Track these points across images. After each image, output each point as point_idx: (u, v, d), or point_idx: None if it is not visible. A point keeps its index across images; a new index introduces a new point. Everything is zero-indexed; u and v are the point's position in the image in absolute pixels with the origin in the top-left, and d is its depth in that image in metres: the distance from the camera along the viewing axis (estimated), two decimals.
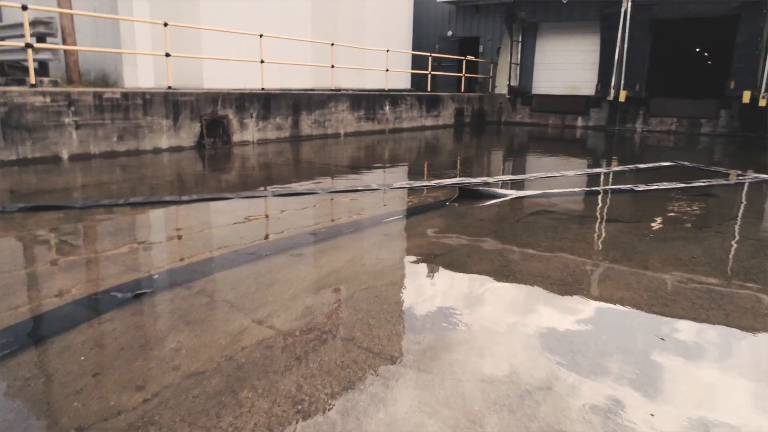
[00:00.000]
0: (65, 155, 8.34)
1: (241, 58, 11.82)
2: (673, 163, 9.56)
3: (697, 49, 22.12)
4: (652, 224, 5.23)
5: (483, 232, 4.78)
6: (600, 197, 6.57)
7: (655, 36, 17.38)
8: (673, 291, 3.46)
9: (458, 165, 10.09)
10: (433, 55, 17.65)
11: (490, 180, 7.42)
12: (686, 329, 2.93)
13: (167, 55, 9.91)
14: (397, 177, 7.95)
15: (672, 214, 5.74)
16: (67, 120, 8.30)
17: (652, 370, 2.46)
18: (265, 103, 11.53)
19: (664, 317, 3.06)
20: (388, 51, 15.51)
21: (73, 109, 8.35)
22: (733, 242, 4.63)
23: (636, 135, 17.02)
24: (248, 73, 12.91)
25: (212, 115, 10.50)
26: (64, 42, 9.96)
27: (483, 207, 5.84)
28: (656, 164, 9.32)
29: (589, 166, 9.62)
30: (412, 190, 6.70)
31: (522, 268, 3.83)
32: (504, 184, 7.30)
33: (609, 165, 9.12)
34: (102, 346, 2.59)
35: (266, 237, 4.46)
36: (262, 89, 11.85)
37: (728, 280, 3.68)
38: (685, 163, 9.66)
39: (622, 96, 17.29)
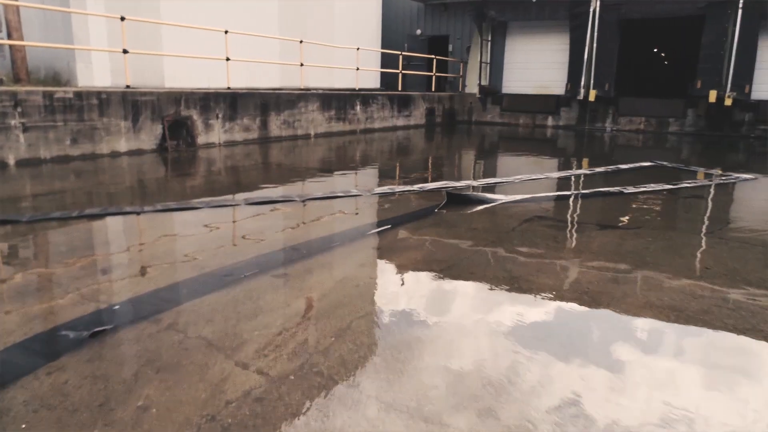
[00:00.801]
0: (11, 160, 7.60)
1: (206, 56, 11.19)
2: (653, 164, 9.44)
3: (665, 49, 22.42)
4: (653, 230, 4.96)
5: (480, 242, 4.41)
6: (590, 201, 6.29)
7: (624, 36, 17.45)
8: (700, 309, 3.15)
9: (437, 167, 9.74)
10: (404, 53, 17.29)
11: (475, 183, 7.08)
12: (732, 351, 2.61)
13: (125, 51, 9.23)
14: (376, 181, 7.53)
15: (669, 219, 5.50)
16: (13, 122, 7.56)
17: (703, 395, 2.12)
18: (232, 103, 10.93)
19: (705, 337, 2.74)
20: (358, 49, 15.06)
21: (20, 110, 7.62)
22: (741, 250, 4.38)
23: (606, 134, 17.06)
24: (213, 71, 12.27)
25: (175, 115, 9.85)
26: (10, 37, 9.15)
27: (473, 213, 5.47)
28: (637, 165, 9.17)
29: (570, 167, 9.39)
30: (394, 196, 6.29)
31: (531, 285, 3.47)
32: (490, 188, 6.97)
33: (591, 166, 8.91)
34: (50, 407, 2.09)
35: (243, 254, 3.97)
36: (228, 88, 11.25)
37: (753, 295, 3.40)
38: (665, 163, 9.56)
39: (592, 95, 17.30)
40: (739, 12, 15.13)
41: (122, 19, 9.14)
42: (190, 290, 3.27)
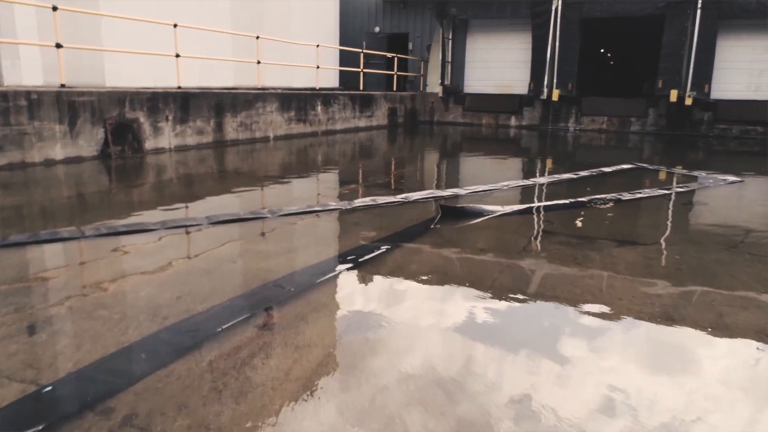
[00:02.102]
0: None
1: (153, 52, 10.15)
2: (633, 166, 9.11)
3: (627, 48, 22.58)
4: (674, 245, 4.46)
5: (495, 269, 3.77)
6: (592, 210, 5.78)
7: (586, 35, 17.34)
8: None
9: (413, 173, 9.10)
10: (365, 51, 16.57)
11: (462, 192, 6.46)
12: None
13: (58, 46, 8.12)
14: (350, 190, 6.80)
15: (682, 231, 5.04)
16: None
17: None
18: (183, 103, 9.94)
19: None
20: (318, 46, 14.24)
21: None
22: None
23: (569, 134, 16.90)
24: (161, 69, 11.21)
25: (119, 118, 8.80)
26: None
27: (472, 228, 4.84)
28: (619, 167, 8.80)
29: (553, 171, 8.92)
30: (378, 209, 5.59)
31: (578, 328, 2.85)
32: (478, 197, 6.36)
33: (572, 169, 8.46)
34: None
35: (214, 295, 3.18)
36: (179, 88, 10.24)
37: None
38: (644, 165, 9.26)
39: (555, 95, 17.11)
40: (698, 12, 15.21)
41: (54, 9, 8.04)
42: (150, 356, 2.46)
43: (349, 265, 3.73)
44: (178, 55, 10.07)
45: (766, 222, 5.55)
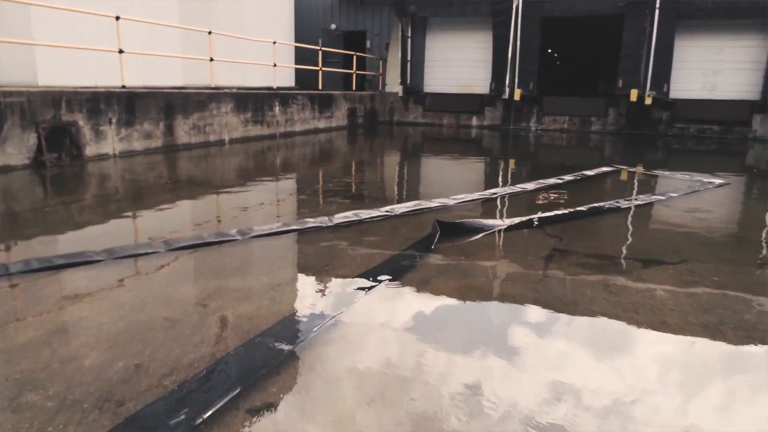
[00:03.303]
0: None
1: (92, 47, 9.09)
2: (613, 168, 8.80)
3: (587, 48, 22.65)
4: (704, 264, 4.01)
5: (523, 299, 3.19)
6: (597, 221, 5.31)
7: (547, 34, 17.17)
8: None
9: (388, 180, 8.47)
10: (323, 49, 15.80)
11: (450, 202, 5.87)
12: None
13: None
14: (324, 201, 6.10)
15: (701, 244, 4.61)
16: None
17: None
18: (129, 104, 8.94)
19: None
20: (275, 43, 13.39)
21: None
22: None
23: (532, 134, 16.68)
24: (102, 66, 10.14)
25: (54, 121, 7.76)
26: None
27: (478, 248, 4.25)
28: (600, 170, 8.45)
29: (534, 176, 8.47)
30: (362, 225, 4.92)
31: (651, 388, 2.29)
32: (468, 207, 5.80)
33: (555, 173, 8.02)
34: None
35: (185, 360, 2.44)
36: (123, 87, 9.23)
37: None
38: (623, 167, 8.97)
39: (517, 94, 16.86)
40: (656, 12, 15.26)
41: None
42: None
43: (352, 307, 3.06)
44: (121, 51, 9.06)
45: None
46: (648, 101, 15.64)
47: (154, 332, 2.67)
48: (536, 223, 5.02)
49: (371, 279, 3.48)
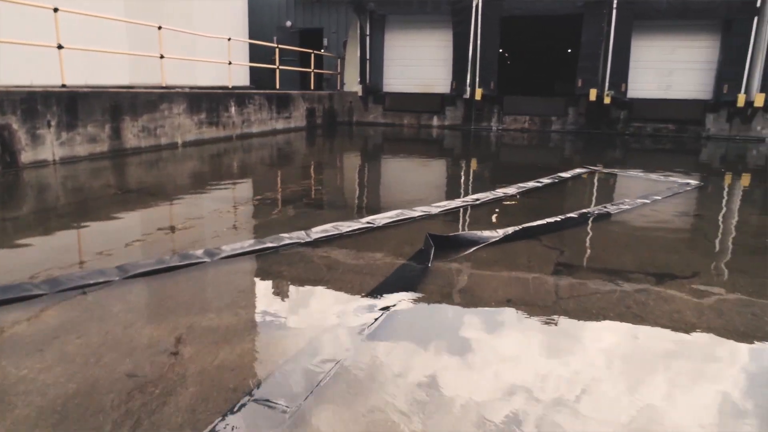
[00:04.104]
0: None
1: (27, 41, 8.20)
2: (588, 169, 8.63)
3: (547, 47, 22.74)
4: (718, 276, 3.75)
5: (548, 334, 2.80)
6: (590, 230, 5.01)
7: (507, 33, 17.07)
8: None
9: (359, 187, 8.00)
10: (280, 47, 15.13)
11: (434, 210, 5.46)
12: None
13: None
14: (295, 212, 5.58)
15: (708, 254, 4.37)
16: None
17: None
18: (70, 105, 8.11)
19: None
20: (230, 40, 12.65)
21: None
22: None
23: (493, 134, 16.57)
24: (39, 64, 9.22)
25: None
26: None
27: (477, 264, 3.85)
28: (576, 172, 8.26)
29: (511, 178, 8.17)
30: (344, 240, 4.45)
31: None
32: (453, 215, 5.41)
33: (530, 174, 7.75)
34: None
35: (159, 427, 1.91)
36: (64, 86, 8.38)
37: None
38: (597, 168, 8.81)
39: (478, 94, 16.69)
40: (614, 12, 15.38)
41: None
42: None
43: (355, 349, 2.59)
44: (60, 47, 8.21)
45: None
46: (607, 101, 15.77)
47: (115, 397, 2.12)
48: (533, 231, 4.67)
49: (368, 311, 3.02)
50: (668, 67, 16.11)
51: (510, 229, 4.64)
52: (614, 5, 15.32)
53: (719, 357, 2.63)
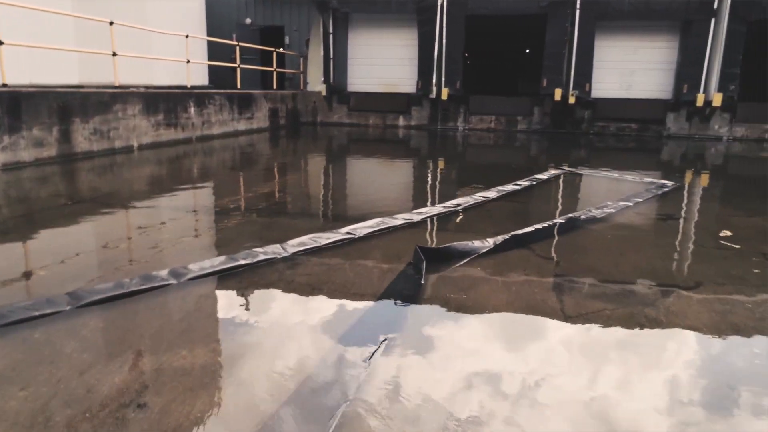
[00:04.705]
0: None
1: None
2: (562, 171, 8.50)
3: (512, 47, 22.73)
4: (720, 286, 3.57)
5: (568, 361, 2.53)
6: (582, 235, 4.80)
7: (472, 32, 16.95)
8: None
9: (332, 192, 7.63)
10: (241, 44, 14.55)
11: (415, 218, 5.16)
12: None
13: None
14: (266, 222, 5.18)
15: (703, 260, 4.21)
16: None
17: None
18: (12, 107, 7.44)
19: None
20: (187, 37, 12.04)
21: None
22: None
23: (460, 134, 16.42)
24: None
25: None
26: None
27: (472, 279, 3.56)
28: (551, 174, 8.10)
29: (485, 181, 7.94)
30: (324, 253, 4.09)
31: None
32: (436, 222, 5.12)
33: (505, 176, 7.55)
34: None
35: None
36: (5, 86, 7.69)
37: None
38: (571, 169, 8.70)
39: (445, 93, 16.52)
40: (577, 12, 15.46)
41: None
42: None
43: (357, 393, 2.24)
44: (0, 43, 7.52)
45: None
46: (571, 100, 15.85)
47: None
48: (523, 239, 4.42)
49: (365, 341, 2.67)
50: (630, 68, 16.32)
51: (500, 238, 4.37)
52: (577, 5, 15.41)
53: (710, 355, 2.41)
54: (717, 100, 14.99)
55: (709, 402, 2.22)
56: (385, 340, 2.66)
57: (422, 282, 3.43)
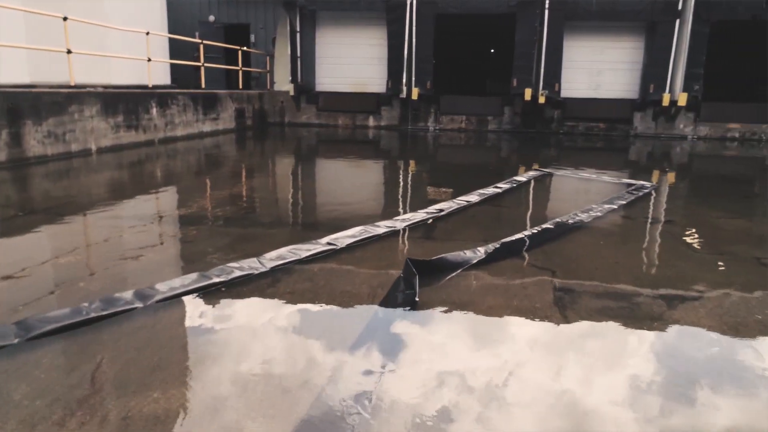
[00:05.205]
0: None
1: None
2: (542, 172, 8.37)
3: (482, 46, 22.65)
4: (724, 293, 3.42)
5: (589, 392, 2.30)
6: (574, 242, 4.62)
7: (442, 31, 16.79)
8: None
9: (309, 198, 7.30)
10: (205, 42, 14.02)
11: (398, 225, 4.89)
12: None
13: None
14: (241, 233, 4.83)
15: (698, 266, 4.07)
16: None
17: None
18: None
19: None
20: (148, 34, 11.48)
21: None
22: None
23: (431, 134, 16.26)
24: None
25: None
26: None
27: (469, 293, 3.31)
28: (530, 175, 7.96)
29: (463, 184, 7.74)
30: (305, 267, 3.78)
31: None
32: (420, 229, 4.86)
33: (484, 178, 7.35)
34: None
35: None
36: None
37: None
38: (549, 170, 8.58)
39: (415, 93, 16.31)
40: (546, 12, 15.47)
41: None
42: None
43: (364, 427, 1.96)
44: None
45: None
46: (541, 100, 15.84)
47: None
48: (514, 248, 4.20)
49: (363, 373, 2.39)
50: (598, 68, 16.43)
51: (491, 247, 4.14)
52: (546, 5, 15.41)
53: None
54: (682, 99, 15.23)
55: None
56: (383, 372, 2.38)
57: (416, 299, 3.16)
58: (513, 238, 4.42)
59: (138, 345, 2.61)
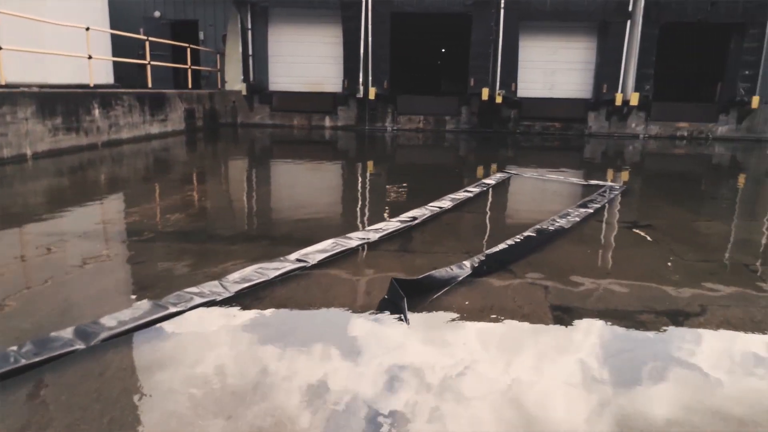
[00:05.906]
0: None
1: None
2: (509, 174, 8.19)
3: (439, 46, 22.46)
4: (723, 307, 3.24)
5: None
6: (558, 251, 4.38)
7: (399, 30, 16.51)
8: None
9: (271, 206, 6.84)
10: (151, 39, 13.22)
11: (371, 236, 4.53)
12: None
13: None
14: (197, 250, 4.36)
15: (692, 277, 3.90)
16: None
17: None
18: None
19: None
20: (88, 29, 10.67)
21: None
22: None
23: (389, 135, 15.99)
24: None
25: None
26: None
27: (461, 315, 3.00)
28: (497, 178, 7.76)
29: (433, 188, 7.46)
30: (274, 290, 3.38)
31: None
32: (396, 240, 4.53)
33: (452, 182, 7.12)
34: None
35: None
36: None
37: None
38: (515, 172, 8.42)
39: (372, 93, 15.98)
40: (501, 12, 15.45)
41: None
42: None
43: None
44: None
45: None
46: (498, 100, 15.83)
47: None
48: (500, 260, 3.93)
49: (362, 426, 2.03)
50: (552, 68, 16.56)
51: (476, 260, 3.85)
52: (501, 5, 15.39)
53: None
54: (634, 99, 15.51)
55: None
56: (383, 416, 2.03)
57: (408, 323, 2.82)
58: (497, 249, 4.15)
59: (81, 403, 2.16)
